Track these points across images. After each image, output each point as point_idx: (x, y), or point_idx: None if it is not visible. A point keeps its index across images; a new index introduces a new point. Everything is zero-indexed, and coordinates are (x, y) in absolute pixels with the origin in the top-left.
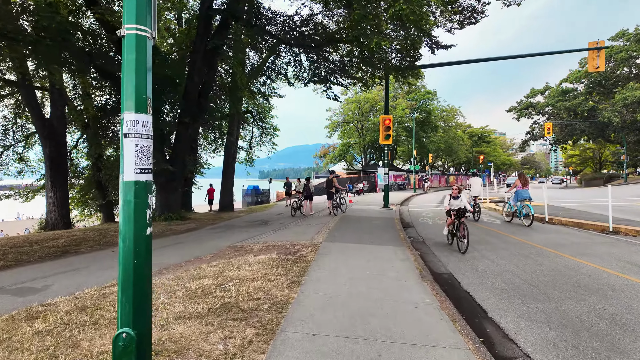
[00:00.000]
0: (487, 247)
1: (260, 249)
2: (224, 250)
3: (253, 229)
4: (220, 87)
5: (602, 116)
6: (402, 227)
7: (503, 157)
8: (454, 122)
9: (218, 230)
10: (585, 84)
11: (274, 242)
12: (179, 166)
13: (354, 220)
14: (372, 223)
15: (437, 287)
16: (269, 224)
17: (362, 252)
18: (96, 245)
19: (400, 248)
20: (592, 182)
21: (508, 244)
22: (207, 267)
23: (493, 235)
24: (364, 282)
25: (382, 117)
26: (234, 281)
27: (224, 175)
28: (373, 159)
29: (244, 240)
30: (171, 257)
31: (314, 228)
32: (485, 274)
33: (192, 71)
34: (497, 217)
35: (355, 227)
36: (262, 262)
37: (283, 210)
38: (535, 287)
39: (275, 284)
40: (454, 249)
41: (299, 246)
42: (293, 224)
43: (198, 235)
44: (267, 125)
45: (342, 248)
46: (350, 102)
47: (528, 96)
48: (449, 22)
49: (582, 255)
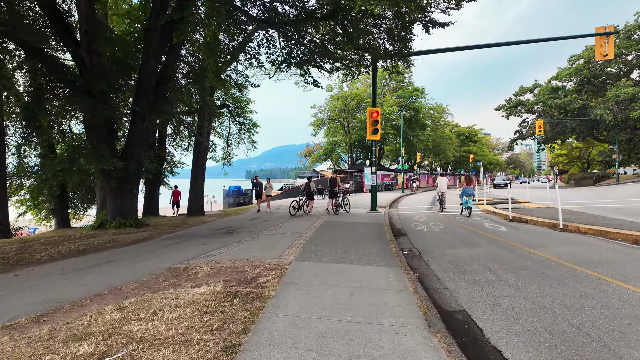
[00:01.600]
0: (502, 265)
1: (207, 274)
2: (160, 274)
3: (215, 239)
4: (187, 76)
5: (593, 114)
6: (393, 236)
7: (490, 156)
8: (441, 121)
9: (171, 242)
10: (574, 82)
11: (231, 261)
12: (133, 165)
13: (337, 227)
14: (358, 231)
15: (454, 345)
16: (236, 233)
17: (343, 278)
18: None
19: (393, 270)
20: (582, 182)
21: (528, 260)
22: (111, 310)
23: (504, 247)
24: (344, 341)
25: (369, 109)
26: (130, 348)
27: (193, 176)
28: (360, 158)
29: (195, 258)
30: (81, 288)
31: (289, 238)
32: (513, 312)
33: (148, 53)
34: (500, 222)
35: (338, 236)
36: (195, 302)
37: (257, 216)
38: (597, 339)
39: (196, 355)
40: (458, 263)
41: (261, 268)
42: (265, 233)
43: (142, 250)
44: (245, 121)
45: (317, 271)
46: (336, 99)
47: (517, 94)
48: (443, 1)
49: (633, 280)
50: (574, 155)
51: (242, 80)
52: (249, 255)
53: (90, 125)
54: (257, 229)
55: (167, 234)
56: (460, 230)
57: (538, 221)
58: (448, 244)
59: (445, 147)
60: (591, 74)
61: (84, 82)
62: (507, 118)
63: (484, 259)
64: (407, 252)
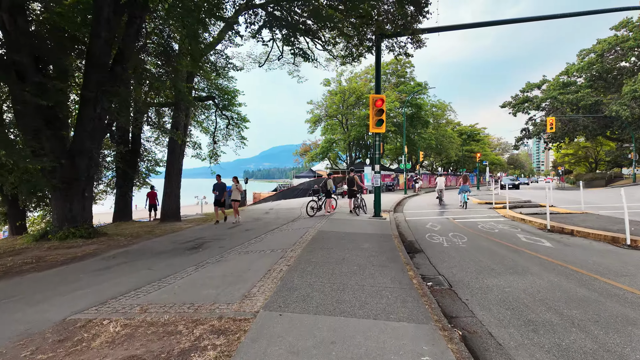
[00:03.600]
0: (586, 312)
1: (111, 339)
2: (37, 336)
3: (170, 260)
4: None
5: (608, 110)
6: (407, 253)
7: (492, 156)
8: (443, 119)
9: (112, 263)
10: (585, 77)
11: (166, 307)
12: (83, 161)
13: (334, 241)
14: (361, 247)
15: None
16: (203, 249)
17: (343, 356)
18: None
19: (424, 330)
20: (594, 183)
21: (619, 301)
22: None
23: (568, 276)
24: None
25: (372, 96)
26: None
27: (168, 177)
28: (359, 157)
29: (117, 299)
30: None
31: (267, 260)
32: None
33: (98, 21)
34: (537, 234)
35: (335, 256)
36: None
37: (240, 222)
38: None
39: None
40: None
41: (204, 328)
42: (239, 249)
43: (62, 277)
44: (233, 115)
45: (297, 336)
46: (334, 94)
47: (524, 90)
48: None
49: None
50: (581, 155)
51: (223, 63)
52: (198, 296)
53: (19, 112)
54: (233, 242)
55: (117, 249)
56: (491, 245)
57: (589, 233)
58: (485, 268)
59: (447, 146)
60: (603, 68)
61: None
62: (515, 115)
63: (551, 299)
64: (431, 283)
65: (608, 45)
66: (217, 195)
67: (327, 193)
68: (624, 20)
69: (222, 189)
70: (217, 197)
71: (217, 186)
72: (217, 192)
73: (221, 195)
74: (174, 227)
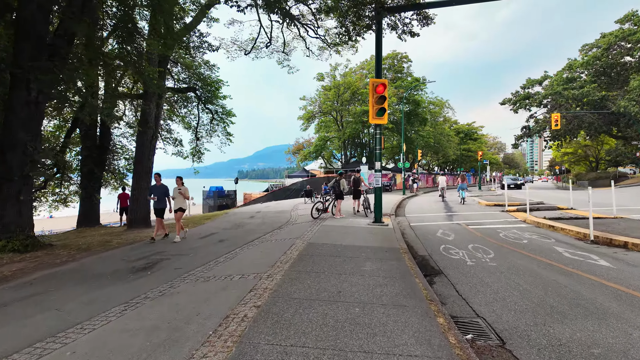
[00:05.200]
0: None
1: None
2: None
3: (101, 289)
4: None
5: (616, 106)
6: (425, 280)
7: (489, 155)
8: (441, 117)
9: (20, 295)
10: (588, 73)
11: None
12: (16, 157)
13: (326, 260)
14: (361, 271)
15: None
16: (154, 270)
17: None
18: None
19: None
20: (598, 182)
21: None
22: None
23: None
24: None
25: (372, 80)
26: None
27: (136, 177)
28: (354, 155)
29: None
30: None
31: (232, 295)
32: None
33: None
34: (579, 247)
35: (326, 287)
36: None
37: (216, 231)
38: None
39: None
40: None
41: None
42: (201, 272)
43: None
44: (218, 109)
45: None
46: (327, 89)
47: (524, 86)
48: None
49: None
50: (581, 154)
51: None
52: None
53: None
54: (196, 260)
55: (47, 269)
56: (529, 264)
57: None
58: (541, 305)
59: (446, 144)
60: (607, 63)
61: None
62: (516, 112)
63: None
64: (471, 336)
65: (615, 39)
66: (156, 202)
67: (338, 194)
68: (629, 13)
69: (164, 193)
70: (157, 205)
71: (156, 190)
72: (155, 197)
73: (163, 202)
74: (138, 236)
